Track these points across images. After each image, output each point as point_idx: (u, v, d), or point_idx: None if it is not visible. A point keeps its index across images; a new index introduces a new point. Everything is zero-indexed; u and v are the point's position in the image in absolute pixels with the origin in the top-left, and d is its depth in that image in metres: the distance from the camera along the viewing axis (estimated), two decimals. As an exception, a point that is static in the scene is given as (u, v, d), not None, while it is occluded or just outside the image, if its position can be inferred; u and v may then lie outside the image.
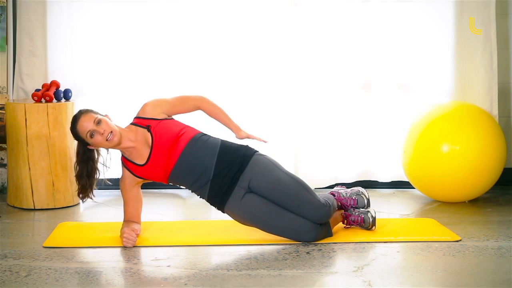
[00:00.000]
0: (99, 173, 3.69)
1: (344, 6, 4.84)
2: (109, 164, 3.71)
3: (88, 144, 3.60)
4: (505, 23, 4.97)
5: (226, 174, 3.56)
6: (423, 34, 4.88)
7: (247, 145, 3.70)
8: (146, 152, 3.63)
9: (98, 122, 3.56)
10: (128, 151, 3.66)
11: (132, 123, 3.70)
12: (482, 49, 4.77)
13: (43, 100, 4.49)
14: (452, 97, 4.83)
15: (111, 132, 3.55)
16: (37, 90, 4.55)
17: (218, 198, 3.59)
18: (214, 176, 3.57)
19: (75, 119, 3.60)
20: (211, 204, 3.66)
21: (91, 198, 3.71)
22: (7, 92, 4.79)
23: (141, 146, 3.64)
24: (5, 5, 4.75)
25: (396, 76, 4.92)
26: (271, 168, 3.61)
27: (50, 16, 4.73)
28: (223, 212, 3.65)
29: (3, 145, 4.76)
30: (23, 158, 4.40)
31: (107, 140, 3.55)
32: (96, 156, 3.68)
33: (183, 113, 3.75)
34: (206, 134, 3.69)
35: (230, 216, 3.65)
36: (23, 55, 4.73)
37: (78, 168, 3.66)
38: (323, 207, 3.57)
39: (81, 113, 3.61)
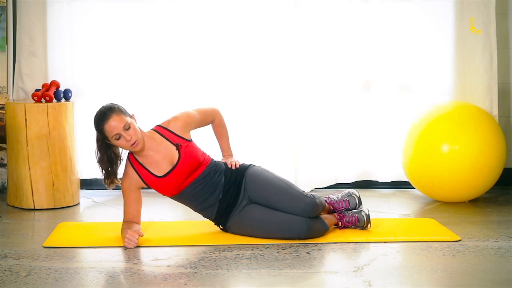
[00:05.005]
0: (120, 159, 3.67)
1: (344, 6, 4.84)
2: (123, 156, 3.70)
3: (108, 140, 3.57)
4: (505, 23, 4.97)
5: (231, 193, 3.69)
6: (423, 34, 4.88)
7: (243, 163, 3.83)
8: (165, 167, 3.63)
9: (128, 128, 3.51)
10: (144, 157, 3.64)
11: (157, 131, 3.68)
12: (482, 49, 4.77)
13: (43, 100, 4.49)
14: (452, 97, 4.83)
15: (137, 140, 3.52)
16: (37, 90, 4.55)
17: (224, 215, 3.70)
18: (223, 195, 3.69)
19: (105, 116, 3.50)
20: (216, 223, 3.76)
21: (118, 184, 3.67)
22: (7, 92, 4.79)
23: (161, 158, 3.63)
24: (5, 5, 4.75)
25: (396, 76, 4.92)
26: (261, 172, 3.75)
27: (50, 16, 4.73)
28: (226, 230, 3.75)
29: (3, 145, 4.76)
30: (23, 158, 4.40)
31: (131, 146, 3.53)
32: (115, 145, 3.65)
33: (199, 127, 3.84)
34: (214, 160, 3.78)
35: (233, 232, 3.73)
36: (23, 55, 4.73)
37: (99, 154, 3.62)
38: (307, 198, 3.65)
39: (112, 111, 3.51)
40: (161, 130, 3.68)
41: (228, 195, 3.68)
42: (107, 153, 3.62)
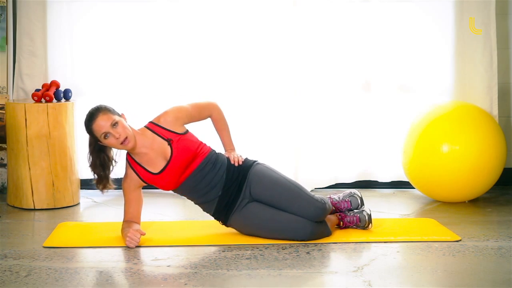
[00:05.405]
0: (113, 163, 3.67)
1: (344, 6, 4.84)
2: (118, 159, 3.70)
3: (100, 141, 3.58)
4: (505, 23, 4.97)
5: (232, 190, 3.65)
6: (423, 34, 4.88)
7: (246, 158, 3.79)
8: (160, 163, 3.63)
9: (115, 124, 3.52)
10: (139, 155, 3.64)
11: (148, 128, 3.67)
12: (482, 49, 4.77)
13: (43, 100, 4.49)
14: (452, 97, 4.83)
15: (126, 137, 3.53)
16: (37, 90, 4.55)
17: (224, 212, 3.67)
18: (222, 192, 3.65)
19: (92, 116, 3.53)
20: (215, 218, 3.74)
21: (110, 189, 3.67)
22: (7, 92, 4.79)
23: (156, 155, 3.63)
24: (5, 5, 4.76)
25: (396, 76, 4.92)
26: (267, 172, 3.70)
27: (50, 16, 4.73)
28: (227, 226, 3.72)
29: (3, 145, 4.76)
30: (23, 158, 4.40)
31: (121, 144, 3.53)
32: (108, 148, 3.65)
33: (197, 122, 3.80)
34: (215, 151, 3.75)
35: (234, 228, 3.72)
36: (23, 55, 4.73)
37: (91, 158, 3.64)
38: (318, 202, 3.62)
39: (99, 111, 3.54)
40: (152, 127, 3.68)
41: (229, 193, 3.65)
42: (99, 157, 3.62)
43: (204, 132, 3.99)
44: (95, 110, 3.55)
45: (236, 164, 3.70)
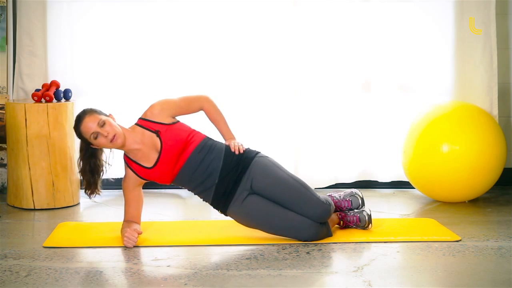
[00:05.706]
0: (103, 169, 3.69)
1: (344, 6, 4.84)
2: (112, 162, 3.71)
3: (91, 144, 3.60)
4: (505, 23, 4.97)
5: (230, 178, 3.61)
6: (423, 34, 4.88)
7: (248, 148, 3.74)
8: (153, 156, 3.63)
9: (102, 124, 3.54)
10: (133, 152, 3.65)
11: (138, 124, 3.68)
12: (482, 49, 4.77)
13: (43, 100, 4.49)
14: (452, 97, 4.83)
15: (115, 135, 3.55)
16: (37, 90, 4.55)
17: (222, 201, 3.63)
18: (219, 180, 3.61)
19: (79, 119, 3.58)
20: (214, 207, 3.70)
21: (98, 194, 3.70)
22: (7, 92, 4.79)
23: (148, 149, 3.63)
24: (5, 5, 4.76)
25: (396, 76, 4.92)
26: (272, 168, 3.65)
27: (50, 16, 4.73)
28: (226, 215, 3.69)
29: (3, 145, 4.76)
30: (23, 158, 4.40)
31: (111, 142, 3.55)
32: (100, 153, 3.68)
33: (187, 114, 3.77)
34: (211, 139, 3.72)
35: (233, 218, 3.68)
36: (23, 55, 4.73)
37: (81, 164, 3.66)
38: (323, 204, 3.60)
39: (85, 113, 3.59)
40: (141, 122, 3.69)
41: (226, 181, 3.61)
42: (90, 163, 3.64)
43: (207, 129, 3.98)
44: (81, 114, 3.60)
45: (237, 153, 3.66)
